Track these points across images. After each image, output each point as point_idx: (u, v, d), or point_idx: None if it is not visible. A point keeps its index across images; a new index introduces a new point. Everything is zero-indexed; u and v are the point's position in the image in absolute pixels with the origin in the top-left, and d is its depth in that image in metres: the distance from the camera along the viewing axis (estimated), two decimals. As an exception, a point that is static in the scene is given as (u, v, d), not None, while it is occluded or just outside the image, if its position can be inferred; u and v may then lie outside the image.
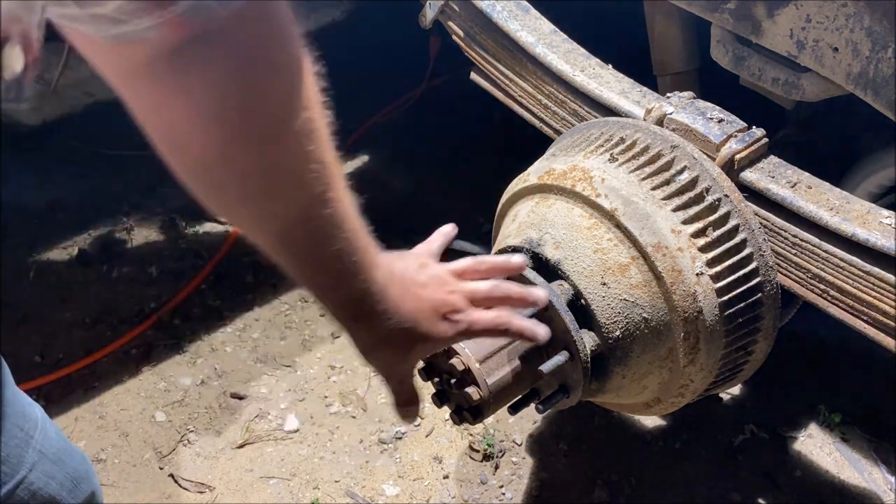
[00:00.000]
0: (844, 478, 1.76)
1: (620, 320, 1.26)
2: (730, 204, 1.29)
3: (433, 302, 0.82)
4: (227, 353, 2.00)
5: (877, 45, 1.27)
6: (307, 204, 0.64)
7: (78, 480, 0.97)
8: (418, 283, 0.83)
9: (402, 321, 0.78)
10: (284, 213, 0.65)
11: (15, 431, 0.86)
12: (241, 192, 0.62)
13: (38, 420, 0.90)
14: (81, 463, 0.99)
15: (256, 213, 0.66)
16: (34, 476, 0.89)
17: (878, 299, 1.23)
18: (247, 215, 0.67)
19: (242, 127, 0.57)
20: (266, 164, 0.61)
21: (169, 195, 2.42)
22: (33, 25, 0.38)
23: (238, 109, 0.56)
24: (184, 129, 0.56)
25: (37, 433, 0.89)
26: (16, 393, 0.88)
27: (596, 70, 1.55)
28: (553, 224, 1.30)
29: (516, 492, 1.73)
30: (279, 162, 0.61)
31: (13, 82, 0.38)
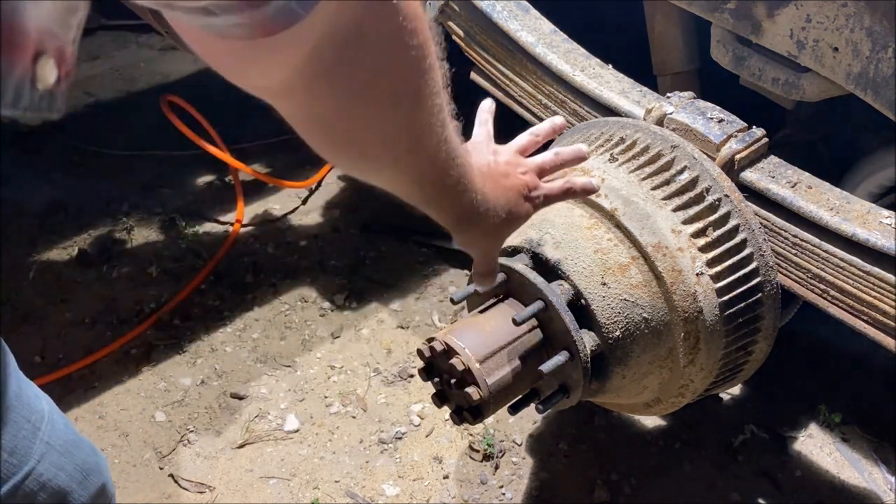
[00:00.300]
0: (844, 478, 1.76)
1: (620, 320, 1.26)
2: (730, 204, 1.29)
3: (517, 188, 0.93)
4: (227, 353, 2.00)
5: (877, 45, 1.27)
6: (435, 151, 0.72)
7: (87, 472, 0.97)
8: (501, 174, 0.93)
9: (500, 213, 0.89)
10: (418, 163, 0.74)
11: (22, 423, 0.86)
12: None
13: (44, 412, 0.90)
14: (91, 455, 0.99)
15: (389, 168, 0.74)
16: (43, 467, 0.89)
17: (878, 299, 1.23)
18: (375, 172, 0.75)
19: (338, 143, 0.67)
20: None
21: (169, 195, 2.42)
22: (69, 42, 0.40)
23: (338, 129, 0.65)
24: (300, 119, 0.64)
25: (44, 425, 0.89)
26: (22, 385, 0.88)
27: (596, 70, 1.55)
28: (553, 224, 1.30)
29: (516, 492, 1.73)
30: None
31: (46, 93, 0.39)
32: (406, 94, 0.65)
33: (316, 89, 0.60)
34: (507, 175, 0.93)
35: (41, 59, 0.37)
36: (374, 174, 0.75)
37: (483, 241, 0.93)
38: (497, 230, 0.92)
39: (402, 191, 0.78)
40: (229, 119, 2.41)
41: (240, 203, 2.38)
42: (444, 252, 2.25)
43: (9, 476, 0.84)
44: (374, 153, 0.69)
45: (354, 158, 0.71)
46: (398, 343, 2.03)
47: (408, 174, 0.74)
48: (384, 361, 1.99)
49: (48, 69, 0.38)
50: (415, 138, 0.70)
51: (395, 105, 0.65)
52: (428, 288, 2.17)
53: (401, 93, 0.65)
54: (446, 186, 0.79)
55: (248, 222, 2.36)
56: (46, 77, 0.38)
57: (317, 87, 0.59)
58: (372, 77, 0.61)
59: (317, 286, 2.16)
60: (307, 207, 2.42)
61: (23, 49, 0.36)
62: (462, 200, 0.82)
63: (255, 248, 2.28)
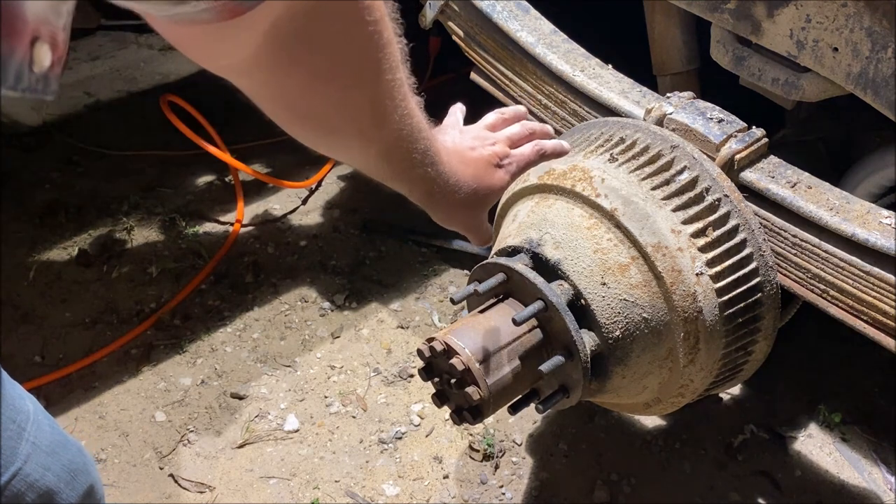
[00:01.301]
0: (844, 478, 1.76)
1: (620, 320, 1.26)
2: (730, 204, 1.29)
3: (485, 158, 0.96)
4: (227, 353, 2.00)
5: (877, 45, 1.27)
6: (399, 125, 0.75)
7: (75, 472, 0.97)
8: (468, 147, 0.96)
9: (468, 185, 0.91)
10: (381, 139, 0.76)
11: (7, 424, 0.86)
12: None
13: (29, 412, 0.90)
14: (78, 455, 0.99)
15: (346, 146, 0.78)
16: (29, 468, 0.88)
17: (878, 299, 1.23)
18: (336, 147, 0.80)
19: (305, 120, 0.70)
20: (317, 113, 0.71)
21: (169, 195, 2.42)
22: (60, 28, 0.43)
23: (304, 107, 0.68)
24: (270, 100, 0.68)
25: (29, 425, 0.89)
26: (6, 385, 0.88)
27: (596, 70, 1.55)
28: (553, 224, 1.30)
29: (516, 492, 1.73)
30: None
31: (42, 76, 0.43)
32: (365, 69, 0.67)
33: (277, 67, 0.63)
34: (474, 148, 0.96)
35: (37, 44, 0.41)
36: (342, 151, 0.79)
37: (461, 214, 0.95)
38: (470, 202, 0.93)
39: (372, 167, 0.80)
40: (229, 119, 2.41)
41: (240, 203, 2.38)
42: (444, 252, 2.25)
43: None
44: (338, 128, 0.72)
45: (321, 134, 0.74)
46: (398, 343, 2.03)
47: (374, 148, 0.76)
48: (384, 361, 1.99)
49: (43, 53, 0.41)
50: (378, 112, 0.72)
51: (356, 79, 0.67)
52: (428, 288, 2.17)
53: (360, 68, 0.67)
54: (413, 160, 0.80)
55: (248, 222, 2.36)
56: (42, 60, 0.41)
57: (277, 63, 0.62)
58: (330, 53, 0.63)
59: (317, 286, 2.16)
60: (307, 207, 2.42)
61: (22, 35, 0.40)
62: (430, 173, 0.84)
63: (255, 248, 2.28)
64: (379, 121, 0.73)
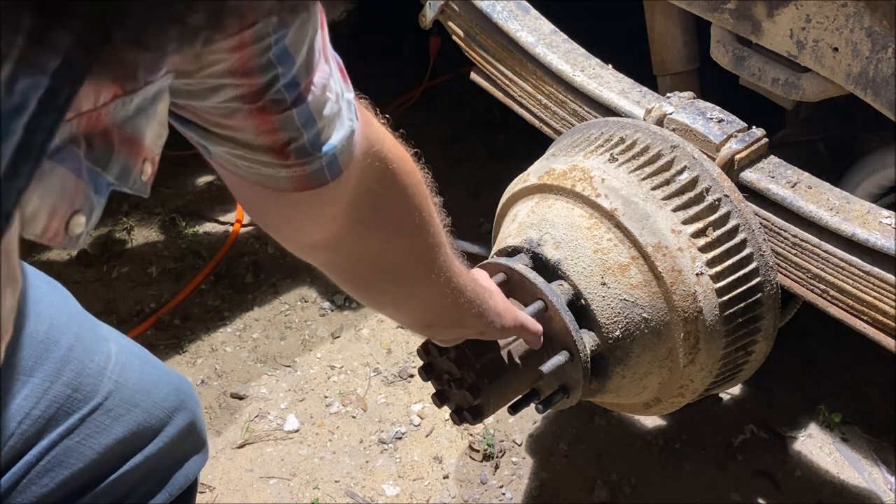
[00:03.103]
0: (844, 478, 1.76)
1: (620, 320, 1.26)
2: (730, 204, 1.29)
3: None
4: (227, 353, 2.00)
5: (877, 45, 1.27)
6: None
7: (171, 410, 1.00)
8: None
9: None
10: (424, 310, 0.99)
11: (85, 363, 0.90)
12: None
13: (111, 353, 0.94)
14: (173, 394, 1.02)
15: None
16: (112, 404, 0.92)
17: (878, 299, 1.23)
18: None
19: (383, 269, 0.86)
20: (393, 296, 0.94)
21: (169, 195, 2.42)
22: (157, 154, 0.57)
23: (382, 258, 0.84)
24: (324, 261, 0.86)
25: (110, 365, 0.93)
26: (85, 327, 0.93)
27: (596, 70, 1.55)
28: (553, 224, 1.30)
29: (516, 492, 1.73)
30: (410, 294, 0.93)
31: (145, 183, 0.56)
32: (423, 218, 0.84)
33: (356, 237, 0.79)
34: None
35: (146, 162, 0.55)
36: (419, 297, 0.94)
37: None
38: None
39: (447, 305, 0.93)
40: (229, 119, 2.41)
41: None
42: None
43: (74, 409, 0.89)
44: (410, 273, 0.88)
45: (398, 284, 0.89)
46: (398, 343, 2.03)
47: (442, 278, 0.89)
48: (384, 361, 1.99)
49: (148, 169, 0.56)
50: (435, 249, 0.87)
51: (418, 228, 0.83)
52: (428, 288, 2.17)
53: (419, 218, 0.83)
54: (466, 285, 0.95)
55: (248, 222, 2.36)
56: (147, 172, 0.56)
57: (357, 234, 0.78)
58: (397, 212, 0.81)
59: (317, 286, 2.16)
60: (307, 207, 2.41)
61: (140, 156, 0.54)
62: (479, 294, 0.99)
63: (255, 248, 2.28)
64: (437, 254, 0.87)
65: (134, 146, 0.53)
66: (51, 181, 0.46)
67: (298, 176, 0.66)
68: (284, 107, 0.61)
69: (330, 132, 0.66)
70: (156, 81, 0.51)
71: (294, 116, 0.62)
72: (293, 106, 0.61)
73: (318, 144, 0.65)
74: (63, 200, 0.48)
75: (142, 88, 0.50)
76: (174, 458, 1.02)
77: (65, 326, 0.89)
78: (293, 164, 0.65)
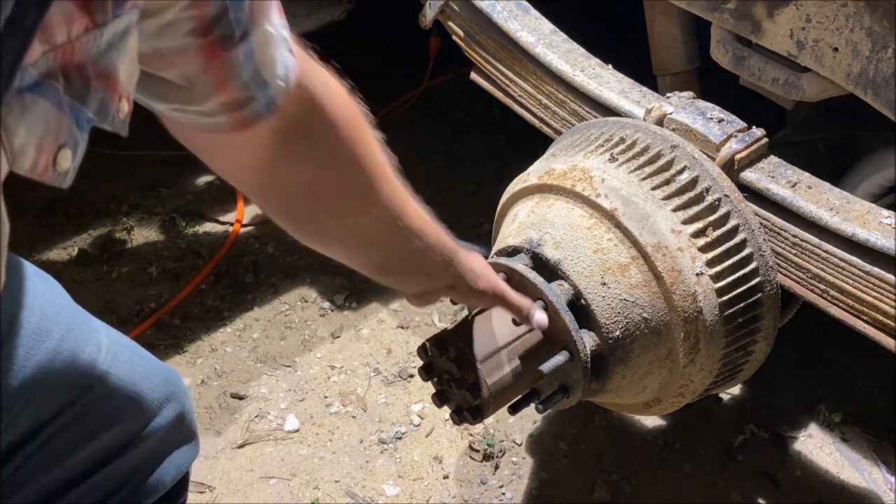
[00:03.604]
0: (844, 478, 1.76)
1: (620, 320, 1.26)
2: (730, 204, 1.29)
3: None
4: (227, 353, 2.00)
5: (877, 45, 1.27)
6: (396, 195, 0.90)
7: (160, 401, 1.02)
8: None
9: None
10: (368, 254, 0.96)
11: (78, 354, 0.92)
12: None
13: (102, 345, 0.95)
14: (162, 385, 1.03)
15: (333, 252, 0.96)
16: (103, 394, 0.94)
17: (878, 299, 1.23)
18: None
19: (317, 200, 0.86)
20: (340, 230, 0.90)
21: (169, 195, 2.42)
22: (131, 92, 0.60)
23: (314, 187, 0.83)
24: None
25: (101, 356, 0.94)
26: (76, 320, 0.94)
27: (596, 70, 1.55)
28: (553, 224, 1.30)
29: (516, 492, 1.73)
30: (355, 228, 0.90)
31: (122, 120, 0.59)
32: (357, 154, 0.84)
33: (287, 161, 0.80)
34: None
35: (122, 100, 0.57)
36: (361, 232, 0.91)
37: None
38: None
39: (394, 242, 0.91)
40: (229, 119, 2.41)
41: (240, 203, 2.38)
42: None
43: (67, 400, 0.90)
44: (348, 207, 0.87)
45: (336, 217, 0.88)
46: (398, 343, 2.03)
47: (381, 222, 0.88)
48: (384, 361, 1.99)
49: (124, 106, 0.58)
50: (376, 178, 0.87)
51: (352, 164, 0.84)
52: (428, 288, 2.17)
53: (351, 155, 0.84)
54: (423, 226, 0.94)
55: (248, 222, 2.36)
56: (124, 110, 0.58)
57: (288, 159, 0.80)
58: (327, 147, 0.81)
59: (317, 286, 2.16)
60: (307, 207, 2.41)
61: (117, 92, 0.56)
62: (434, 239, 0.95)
63: (255, 248, 2.28)
64: (376, 188, 0.86)
65: (109, 81, 0.55)
66: (35, 114, 0.48)
67: (237, 120, 0.70)
68: (232, 43, 0.64)
69: (270, 69, 0.69)
70: (123, 15, 0.53)
71: (240, 54, 0.65)
72: (240, 42, 0.64)
73: (259, 81, 0.68)
74: (48, 134, 0.50)
75: (111, 22, 0.52)
76: (165, 448, 1.03)
77: (56, 318, 0.90)
78: (232, 103, 0.68)
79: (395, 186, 0.89)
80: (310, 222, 0.89)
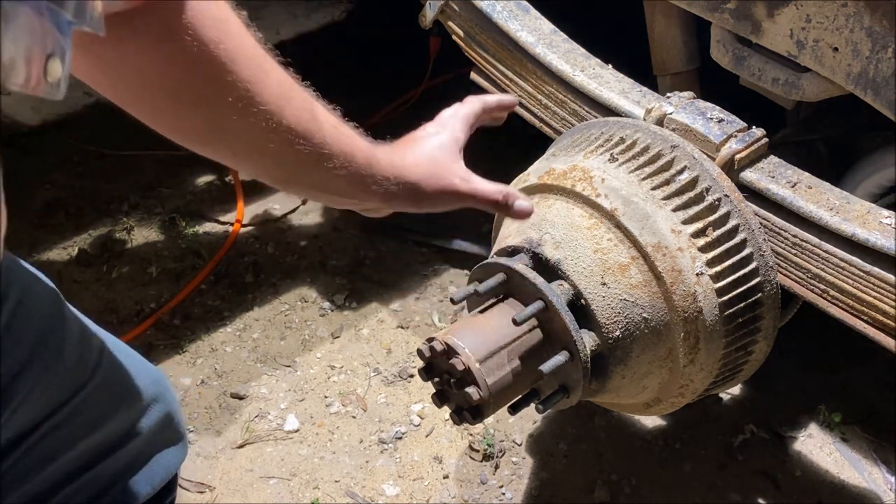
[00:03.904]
0: (844, 478, 1.76)
1: (620, 320, 1.26)
2: (730, 204, 1.29)
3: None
4: (227, 353, 2.00)
5: (877, 45, 1.27)
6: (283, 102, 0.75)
7: (148, 402, 1.02)
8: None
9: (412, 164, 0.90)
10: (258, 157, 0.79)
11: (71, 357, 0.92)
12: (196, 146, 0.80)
13: (93, 346, 0.95)
14: (152, 386, 1.03)
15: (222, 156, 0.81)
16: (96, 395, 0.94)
17: (878, 299, 1.23)
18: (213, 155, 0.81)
19: (168, 90, 0.72)
20: (209, 125, 0.75)
21: (169, 195, 2.42)
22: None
23: (163, 74, 0.70)
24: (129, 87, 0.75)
25: (93, 357, 0.94)
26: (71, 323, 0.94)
27: (596, 70, 1.55)
28: (553, 224, 1.30)
29: (516, 492, 1.73)
30: (223, 126, 0.75)
31: (98, 16, 0.55)
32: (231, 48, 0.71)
33: (157, 43, 0.68)
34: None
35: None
36: (214, 128, 0.76)
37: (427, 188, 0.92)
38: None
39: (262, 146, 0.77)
40: (229, 119, 2.41)
41: (240, 203, 2.38)
42: (444, 252, 2.24)
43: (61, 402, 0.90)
44: (210, 100, 0.72)
45: (193, 109, 0.74)
46: (398, 343, 2.03)
47: (251, 117, 0.73)
48: (384, 361, 1.99)
49: (98, 3, 0.55)
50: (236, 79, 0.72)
51: (207, 49, 0.70)
52: (428, 288, 2.17)
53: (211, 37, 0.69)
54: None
55: (248, 222, 2.36)
56: (97, 8, 0.55)
57: (158, 40, 0.68)
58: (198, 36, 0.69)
59: (317, 286, 2.16)
60: (307, 207, 2.42)
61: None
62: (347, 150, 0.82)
63: (255, 248, 2.28)
64: (249, 82, 0.71)
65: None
66: (17, 23, 0.47)
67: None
68: None
69: None
70: None
71: None
72: None
73: None
74: (35, 44, 0.49)
75: None
76: (153, 448, 1.04)
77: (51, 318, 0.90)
78: None
79: (268, 77, 0.74)
80: (163, 113, 0.76)
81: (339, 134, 0.80)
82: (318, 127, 0.78)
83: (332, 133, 0.79)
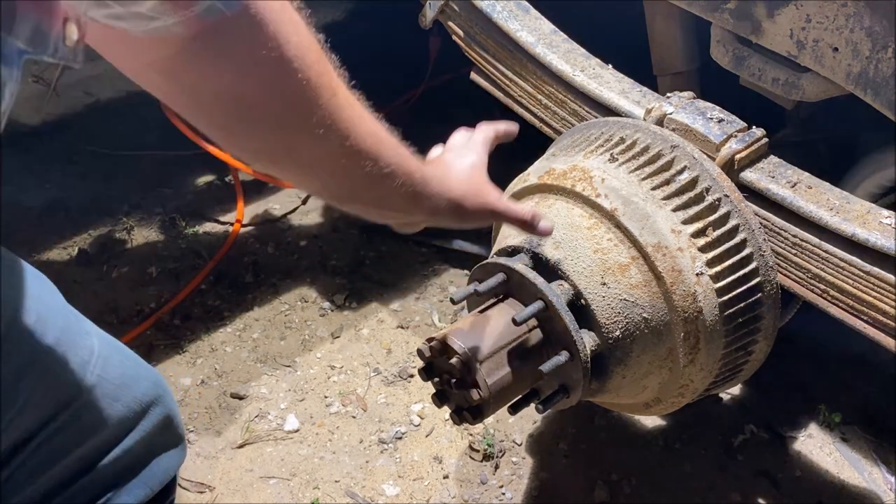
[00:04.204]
0: (844, 478, 1.76)
1: (620, 320, 1.26)
2: (730, 204, 1.29)
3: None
4: (227, 353, 2.00)
5: (877, 45, 1.28)
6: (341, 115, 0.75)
7: (148, 404, 1.01)
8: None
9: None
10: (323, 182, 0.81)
11: (72, 359, 0.91)
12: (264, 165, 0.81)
13: (94, 348, 0.95)
14: (151, 388, 1.03)
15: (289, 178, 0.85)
16: (94, 397, 0.94)
17: (878, 299, 1.23)
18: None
19: (245, 112, 0.70)
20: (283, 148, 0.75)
21: (169, 195, 2.42)
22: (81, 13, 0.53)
23: (242, 96, 0.68)
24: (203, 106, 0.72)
25: (93, 359, 0.94)
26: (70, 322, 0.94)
27: (596, 70, 1.55)
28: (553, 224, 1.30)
29: (516, 492, 1.73)
30: (296, 147, 0.74)
31: (72, 49, 0.52)
32: (289, 56, 0.68)
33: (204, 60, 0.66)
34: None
35: (68, 23, 0.50)
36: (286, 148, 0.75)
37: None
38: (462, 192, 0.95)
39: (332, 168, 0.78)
40: (229, 119, 2.41)
41: (240, 203, 2.38)
42: (444, 252, 2.24)
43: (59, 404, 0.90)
44: (281, 119, 0.72)
45: (265, 130, 0.73)
46: (398, 343, 2.03)
47: (321, 139, 0.74)
48: (384, 361, 1.99)
49: (72, 30, 0.51)
50: (314, 95, 0.71)
51: (281, 65, 0.68)
52: (428, 288, 2.17)
53: (281, 55, 0.67)
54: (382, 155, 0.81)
55: (248, 222, 2.36)
56: (72, 36, 0.51)
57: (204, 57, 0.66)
58: (252, 42, 0.66)
59: (317, 286, 2.16)
60: (307, 207, 2.42)
61: (58, 15, 0.49)
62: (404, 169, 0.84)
63: (255, 248, 2.28)
64: (315, 98, 0.71)
65: (44, 2, 0.47)
66: None
67: (189, 19, 0.60)
68: None
69: None
70: None
71: None
72: None
73: None
74: None
75: None
76: (152, 451, 1.04)
77: (51, 320, 0.90)
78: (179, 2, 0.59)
79: (344, 101, 0.74)
80: (234, 135, 0.74)
81: (399, 153, 0.83)
82: (385, 147, 0.81)
83: (395, 152, 0.82)
